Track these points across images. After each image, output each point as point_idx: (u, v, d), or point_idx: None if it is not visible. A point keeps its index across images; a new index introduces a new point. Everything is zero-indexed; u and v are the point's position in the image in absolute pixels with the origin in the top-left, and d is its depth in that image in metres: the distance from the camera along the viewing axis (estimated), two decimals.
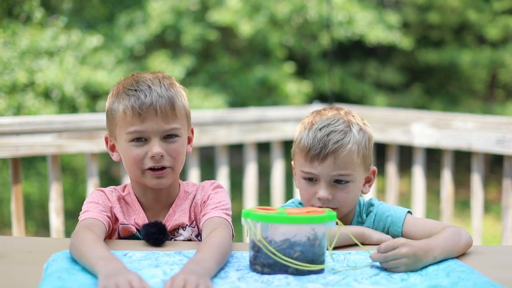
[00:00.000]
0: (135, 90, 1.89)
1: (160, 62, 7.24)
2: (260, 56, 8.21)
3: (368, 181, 2.06)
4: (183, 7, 7.50)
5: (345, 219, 2.06)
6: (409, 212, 2.04)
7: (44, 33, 6.55)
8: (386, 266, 1.71)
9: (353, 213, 2.08)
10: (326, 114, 2.03)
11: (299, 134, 2.02)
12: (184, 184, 2.05)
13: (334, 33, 7.68)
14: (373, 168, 2.07)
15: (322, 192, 1.96)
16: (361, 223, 2.07)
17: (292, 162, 2.10)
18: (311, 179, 1.98)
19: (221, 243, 1.72)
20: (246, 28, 7.38)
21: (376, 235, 1.98)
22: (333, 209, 1.97)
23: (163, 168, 1.91)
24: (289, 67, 8.01)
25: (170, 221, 1.98)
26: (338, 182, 1.96)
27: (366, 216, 2.07)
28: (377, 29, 8.11)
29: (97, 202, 1.94)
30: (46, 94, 6.58)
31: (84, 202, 1.96)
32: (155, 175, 1.91)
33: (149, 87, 1.89)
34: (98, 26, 7.45)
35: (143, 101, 1.87)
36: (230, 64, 7.94)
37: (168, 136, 1.91)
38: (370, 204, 2.08)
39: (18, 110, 6.31)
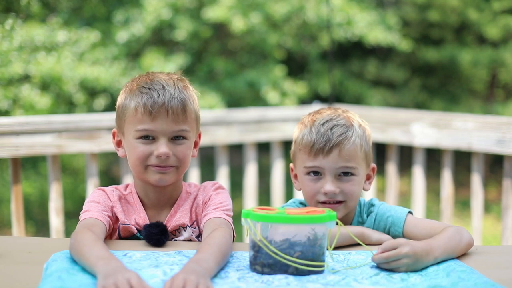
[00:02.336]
0: (149, 89, 1.90)
1: (152, 59, 7.25)
2: (257, 57, 8.20)
3: (368, 178, 2.08)
4: (180, 4, 7.51)
5: (346, 219, 2.06)
6: (409, 212, 2.04)
7: (42, 28, 6.55)
8: (388, 267, 1.71)
9: (353, 213, 2.08)
10: (325, 112, 2.05)
11: (300, 132, 2.02)
12: (186, 185, 2.05)
13: (333, 34, 7.68)
14: (373, 165, 2.09)
15: (329, 185, 1.96)
16: (361, 223, 2.07)
17: (291, 165, 2.10)
18: (316, 174, 1.98)
19: (221, 243, 1.72)
20: (239, 25, 7.39)
21: (375, 235, 1.98)
22: (340, 202, 1.98)
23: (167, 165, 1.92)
24: (280, 70, 7.99)
25: (171, 222, 1.98)
26: (343, 175, 1.97)
27: (367, 216, 2.07)
28: (376, 30, 8.11)
29: (97, 201, 1.94)
30: (43, 86, 6.58)
31: (85, 202, 1.96)
32: (158, 170, 1.91)
33: (163, 87, 1.90)
34: (96, 24, 7.47)
35: (155, 100, 1.88)
36: (225, 65, 7.94)
37: (176, 138, 1.92)
38: (371, 204, 2.08)
39: (14, 102, 6.30)
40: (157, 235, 1.88)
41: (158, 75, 1.97)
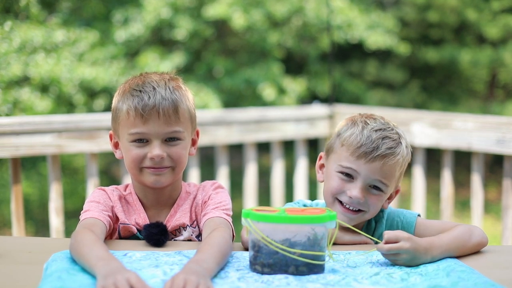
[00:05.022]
0: (140, 91, 1.89)
1: (148, 58, 7.26)
2: (257, 56, 8.20)
3: (389, 198, 2.03)
4: (180, 3, 7.52)
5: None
6: (418, 215, 2.04)
7: (41, 29, 6.54)
8: (387, 258, 1.74)
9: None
10: (378, 119, 2.00)
11: (348, 129, 1.97)
12: (185, 185, 2.05)
13: (333, 36, 7.67)
14: (399, 187, 2.05)
15: (357, 191, 1.91)
16: (369, 229, 2.05)
17: (322, 154, 2.05)
18: (348, 176, 1.93)
19: (221, 243, 1.72)
20: (240, 21, 7.40)
21: (347, 236, 1.97)
22: (359, 211, 1.94)
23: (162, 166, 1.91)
24: (278, 67, 7.99)
25: (171, 222, 1.98)
26: (373, 187, 1.94)
27: (376, 223, 2.05)
28: (376, 34, 8.12)
29: (98, 201, 1.94)
30: (42, 88, 6.57)
31: (86, 201, 1.96)
32: (153, 172, 1.91)
33: (154, 88, 1.89)
34: (95, 24, 7.47)
35: (146, 102, 1.87)
36: (225, 64, 7.94)
37: (170, 139, 1.91)
38: (380, 211, 2.05)
39: (14, 105, 6.29)
40: (157, 235, 1.88)
41: (150, 76, 1.95)
